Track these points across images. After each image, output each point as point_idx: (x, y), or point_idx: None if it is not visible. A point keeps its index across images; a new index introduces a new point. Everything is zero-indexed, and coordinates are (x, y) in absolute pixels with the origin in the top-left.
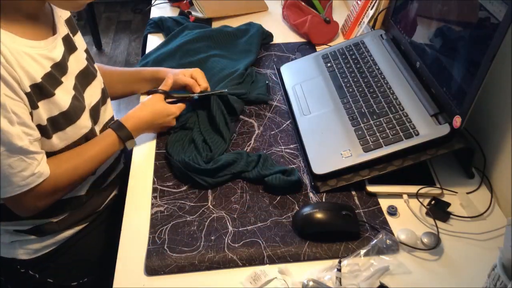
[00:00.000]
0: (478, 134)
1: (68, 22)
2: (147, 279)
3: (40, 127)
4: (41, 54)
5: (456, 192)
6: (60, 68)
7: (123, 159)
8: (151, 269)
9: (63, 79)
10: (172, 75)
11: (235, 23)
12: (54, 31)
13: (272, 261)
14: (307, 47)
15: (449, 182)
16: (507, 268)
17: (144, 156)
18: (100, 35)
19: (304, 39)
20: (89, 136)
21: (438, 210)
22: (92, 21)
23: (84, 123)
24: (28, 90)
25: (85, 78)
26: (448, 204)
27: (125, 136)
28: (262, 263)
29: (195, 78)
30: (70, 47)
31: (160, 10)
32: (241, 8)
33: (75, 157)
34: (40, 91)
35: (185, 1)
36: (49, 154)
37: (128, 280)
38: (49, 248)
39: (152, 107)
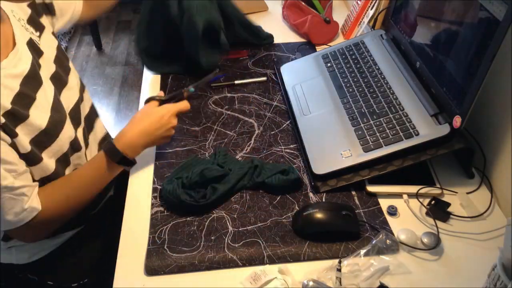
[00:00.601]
0: (478, 134)
1: (30, 21)
2: (147, 279)
3: (26, 155)
4: (6, 74)
5: (456, 192)
6: (31, 81)
7: None
8: (151, 269)
9: (38, 94)
10: None
11: None
12: (14, 41)
13: (272, 261)
14: (307, 47)
15: (449, 182)
16: (507, 268)
17: (144, 156)
18: (100, 35)
19: (304, 39)
20: (74, 143)
21: (438, 210)
22: (92, 21)
23: (67, 133)
24: (3, 120)
25: (58, 81)
26: (448, 204)
27: (118, 158)
28: (262, 263)
29: None
30: (37, 51)
31: None
32: (241, 8)
33: (65, 185)
34: (13, 117)
35: None
36: (47, 179)
37: (128, 280)
38: (46, 251)
39: (145, 115)
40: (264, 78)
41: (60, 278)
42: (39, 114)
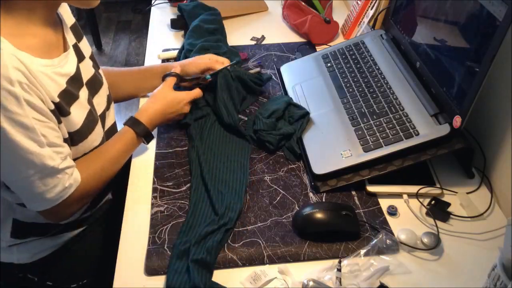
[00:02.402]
0: (478, 134)
1: (73, 28)
2: (147, 279)
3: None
4: (56, 71)
5: (456, 192)
6: (75, 81)
7: None
8: (151, 269)
9: (80, 92)
10: (184, 64)
11: (235, 23)
12: (65, 44)
13: (272, 261)
14: (307, 47)
15: (449, 182)
16: (507, 268)
17: (144, 156)
18: (100, 35)
19: (304, 39)
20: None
21: (438, 210)
22: (92, 21)
23: (95, 136)
24: (52, 107)
25: (93, 86)
26: (448, 204)
27: (142, 131)
28: (262, 263)
29: (213, 58)
30: (79, 55)
31: (160, 10)
32: (241, 8)
33: (100, 157)
34: (58, 110)
35: (185, 1)
36: None
37: (128, 280)
38: (47, 251)
39: (163, 96)
40: (258, 69)
41: (60, 279)
42: (79, 114)
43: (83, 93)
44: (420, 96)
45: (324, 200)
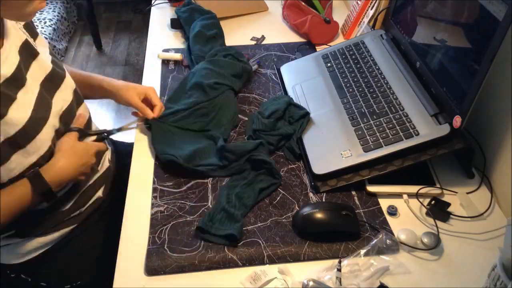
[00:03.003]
0: (478, 134)
1: (26, 27)
2: (147, 279)
3: None
4: None
5: (456, 192)
6: (13, 82)
7: (110, 158)
8: (151, 269)
9: (19, 94)
10: (121, 91)
11: (235, 23)
12: (2, 43)
13: (272, 261)
14: (307, 47)
15: (449, 182)
16: (507, 268)
17: (144, 156)
18: (100, 35)
19: (304, 39)
20: (58, 137)
21: (438, 210)
22: (92, 21)
23: (45, 136)
24: None
25: (52, 82)
26: (448, 204)
27: (40, 188)
28: (262, 263)
29: (149, 98)
30: (30, 53)
31: (160, 10)
32: (241, 8)
33: None
34: None
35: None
36: (16, 179)
37: (128, 280)
38: (38, 251)
39: (70, 148)
40: (256, 66)
41: (53, 279)
42: (20, 113)
43: (27, 93)
44: (420, 96)
45: (324, 200)
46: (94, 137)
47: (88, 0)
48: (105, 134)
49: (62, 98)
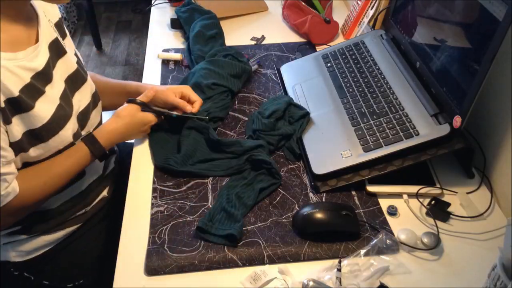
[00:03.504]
0: (478, 134)
1: (57, 26)
2: (147, 279)
3: (13, 143)
4: (20, 65)
5: (456, 192)
6: (42, 77)
7: (115, 159)
8: (151, 269)
9: (46, 88)
10: (157, 90)
11: (235, 23)
12: (37, 39)
13: (272, 261)
14: (307, 47)
15: (449, 182)
16: (507, 268)
17: (144, 156)
18: (100, 35)
19: (304, 39)
20: (73, 143)
21: (438, 210)
22: (92, 21)
23: (67, 132)
24: (2, 105)
25: (74, 82)
26: (448, 204)
27: (98, 151)
28: (262, 263)
29: (186, 96)
30: (58, 51)
31: (160, 10)
32: (241, 8)
33: (45, 172)
34: (16, 106)
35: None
36: (25, 164)
37: (128, 280)
38: (42, 249)
39: (128, 119)
40: (256, 66)
41: (56, 278)
42: (46, 107)
43: (53, 88)
44: (420, 96)
45: (324, 200)
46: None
47: (88, 0)
48: (164, 115)
49: (79, 99)
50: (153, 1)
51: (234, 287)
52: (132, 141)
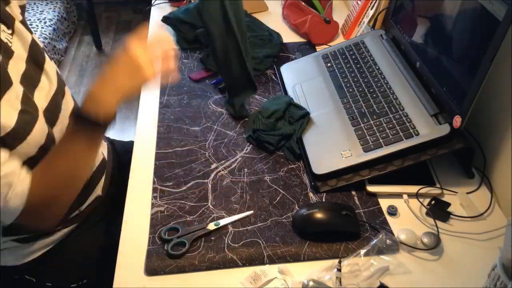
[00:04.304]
0: (478, 134)
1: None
2: (147, 279)
3: None
4: None
5: (456, 192)
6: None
7: (107, 154)
8: (151, 269)
9: (6, 94)
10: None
11: None
12: None
13: (272, 261)
14: (307, 47)
15: (449, 182)
16: (507, 268)
17: (144, 156)
18: (100, 35)
19: (304, 39)
20: (47, 144)
21: (438, 210)
22: (92, 21)
23: (36, 135)
24: None
25: (29, 79)
26: (448, 204)
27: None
28: (262, 263)
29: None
30: (6, 52)
31: (160, 10)
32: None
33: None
34: None
35: (185, 1)
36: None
37: (128, 280)
38: (40, 251)
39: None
40: None
41: (59, 279)
42: (6, 115)
43: (11, 93)
44: (420, 96)
45: (324, 200)
46: None
47: (88, 0)
48: None
49: (43, 95)
50: (153, 1)
51: (234, 287)
52: (130, 139)
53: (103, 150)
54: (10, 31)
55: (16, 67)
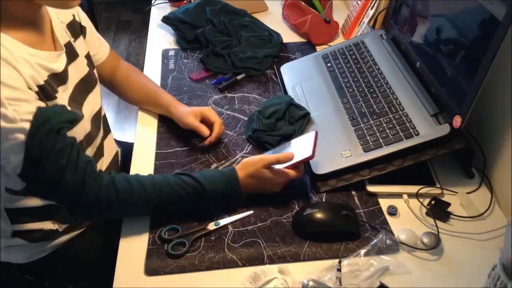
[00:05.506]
0: (478, 134)
1: (70, 26)
2: (147, 279)
3: None
4: (40, 63)
5: (456, 192)
6: (59, 78)
7: (120, 159)
8: (151, 269)
9: (59, 89)
10: (183, 118)
11: None
12: (55, 43)
13: (272, 261)
14: (307, 47)
15: (449, 182)
16: (507, 268)
17: (144, 156)
18: (100, 35)
19: (304, 39)
20: (88, 141)
21: (438, 210)
22: (92, 21)
23: (81, 132)
24: (36, 89)
25: (86, 85)
26: (448, 204)
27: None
28: (262, 263)
29: (206, 117)
30: (71, 54)
31: (160, 10)
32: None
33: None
34: (44, 93)
35: (184, 1)
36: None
37: (128, 280)
38: (45, 252)
39: (256, 174)
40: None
41: (57, 280)
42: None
43: (64, 93)
44: (420, 96)
45: (324, 200)
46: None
47: (88, 0)
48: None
49: (93, 102)
50: (153, 1)
51: (234, 287)
52: (132, 141)
53: (118, 159)
54: (73, 39)
55: (78, 69)
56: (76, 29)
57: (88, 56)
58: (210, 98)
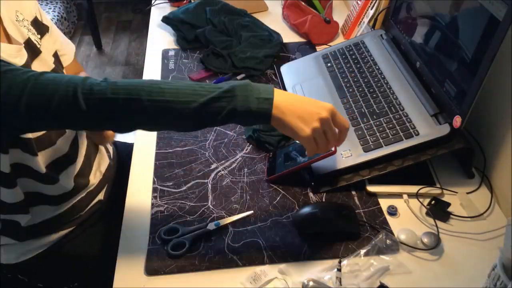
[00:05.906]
0: (478, 134)
1: (34, 24)
2: (147, 279)
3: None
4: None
5: (456, 192)
6: None
7: (113, 156)
8: (151, 269)
9: None
10: None
11: None
12: (9, 40)
13: (272, 261)
14: (307, 47)
15: (449, 182)
16: (507, 268)
17: (144, 156)
18: (100, 35)
19: (304, 39)
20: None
21: (438, 210)
22: (92, 21)
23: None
24: None
25: None
26: (448, 204)
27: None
28: (262, 263)
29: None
30: (33, 51)
31: (160, 10)
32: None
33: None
34: None
35: (184, 1)
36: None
37: (128, 280)
38: (35, 251)
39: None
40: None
41: (50, 280)
42: None
43: None
44: (420, 96)
45: (324, 200)
46: None
47: (88, 0)
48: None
49: None
50: (153, 1)
51: (234, 287)
52: (132, 141)
53: (111, 156)
54: (39, 36)
55: (41, 67)
56: (40, 26)
57: (56, 55)
58: None
